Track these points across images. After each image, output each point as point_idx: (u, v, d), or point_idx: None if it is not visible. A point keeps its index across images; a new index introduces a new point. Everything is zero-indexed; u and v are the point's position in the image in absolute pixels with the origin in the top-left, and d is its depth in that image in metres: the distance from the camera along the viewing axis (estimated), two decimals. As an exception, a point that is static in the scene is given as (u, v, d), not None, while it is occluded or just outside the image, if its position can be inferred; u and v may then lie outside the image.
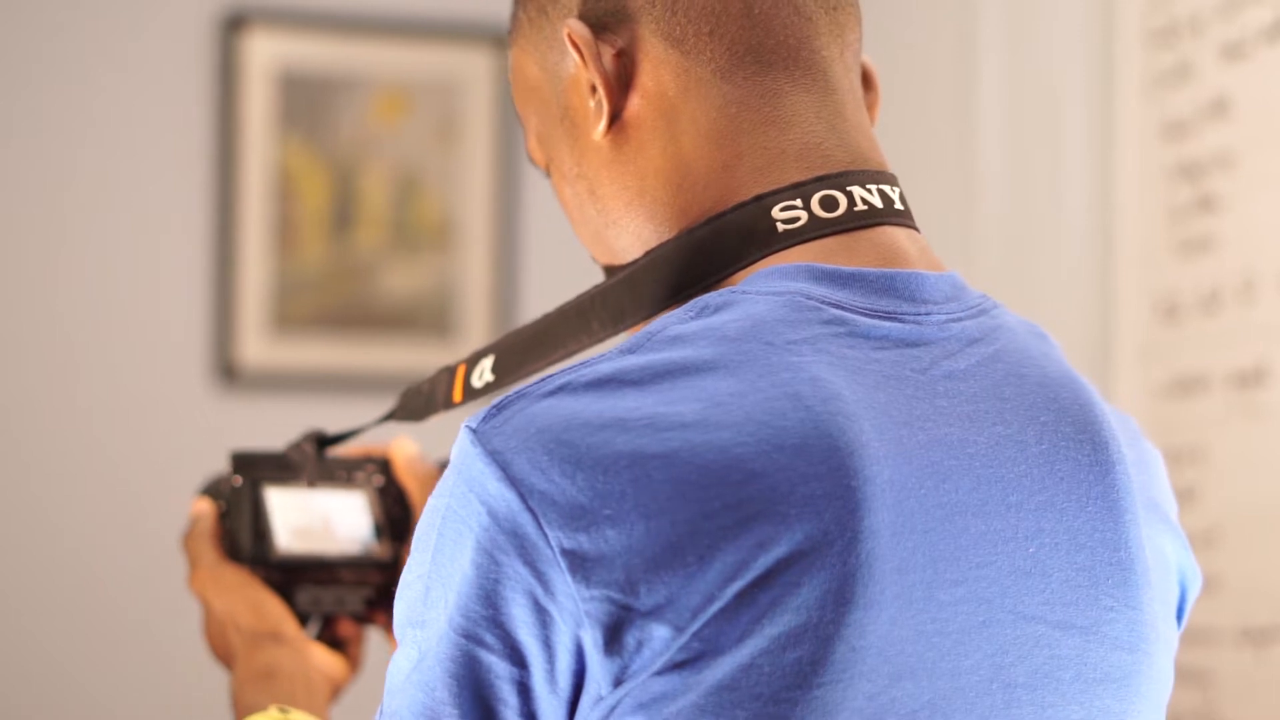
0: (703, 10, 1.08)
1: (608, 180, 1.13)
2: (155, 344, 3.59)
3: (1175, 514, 1.14)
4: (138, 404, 3.57)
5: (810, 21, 1.10)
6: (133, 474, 3.58)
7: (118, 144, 3.57)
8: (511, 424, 0.95)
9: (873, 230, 1.07)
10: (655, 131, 1.10)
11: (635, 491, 0.93)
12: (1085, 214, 2.58)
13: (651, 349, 0.98)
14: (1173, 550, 1.09)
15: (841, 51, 1.11)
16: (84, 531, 3.55)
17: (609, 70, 1.10)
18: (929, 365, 1.02)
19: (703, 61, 1.08)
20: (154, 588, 3.57)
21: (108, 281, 3.57)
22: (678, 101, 1.09)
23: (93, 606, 3.54)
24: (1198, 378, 2.34)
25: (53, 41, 3.54)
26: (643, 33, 1.09)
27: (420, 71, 3.71)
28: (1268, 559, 2.21)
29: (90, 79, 3.55)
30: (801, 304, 1.01)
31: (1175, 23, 2.39)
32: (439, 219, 3.74)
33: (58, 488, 3.54)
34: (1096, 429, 1.04)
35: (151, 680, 3.56)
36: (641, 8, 1.09)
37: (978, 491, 0.99)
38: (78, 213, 3.56)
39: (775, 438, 0.94)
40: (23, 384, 3.53)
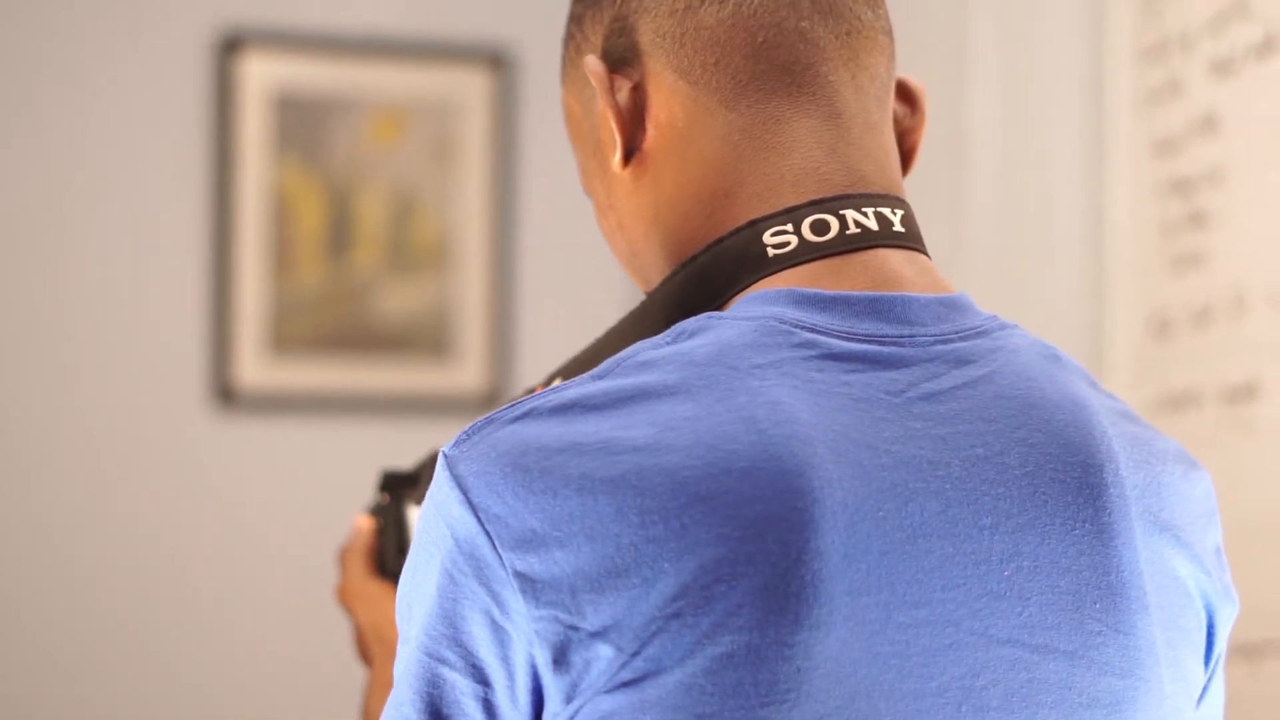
0: (709, 41, 1.10)
1: (630, 210, 1.15)
2: (153, 366, 3.59)
3: (1210, 539, 1.12)
4: (136, 426, 3.58)
5: (817, 47, 1.11)
6: (132, 495, 3.58)
7: (114, 166, 3.58)
8: (477, 449, 0.98)
9: (866, 253, 1.08)
10: (668, 162, 1.12)
11: (583, 514, 0.95)
12: (1078, 230, 2.58)
13: (620, 374, 1.00)
14: (1190, 574, 1.08)
15: (854, 75, 1.12)
16: (84, 552, 3.56)
17: (625, 104, 1.12)
18: (906, 387, 1.02)
19: (710, 91, 1.10)
20: (154, 608, 3.57)
21: (105, 303, 3.57)
22: (687, 131, 1.11)
23: (93, 627, 3.54)
24: (1190, 393, 2.34)
25: (48, 64, 3.55)
26: (655, 66, 1.11)
27: (416, 93, 3.72)
28: (1260, 575, 2.21)
29: (86, 101, 3.56)
30: (774, 328, 1.02)
31: (1165, 40, 2.39)
32: (435, 240, 3.74)
33: (57, 507, 3.54)
34: (1090, 451, 1.04)
35: (149, 700, 3.56)
36: (653, 42, 1.11)
37: (946, 513, 0.99)
38: (75, 234, 3.56)
39: (724, 461, 0.95)
40: (22, 404, 3.53)
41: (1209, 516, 1.13)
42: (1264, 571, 2.20)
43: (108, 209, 3.58)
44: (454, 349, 3.75)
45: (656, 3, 1.11)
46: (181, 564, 3.59)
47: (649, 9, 1.12)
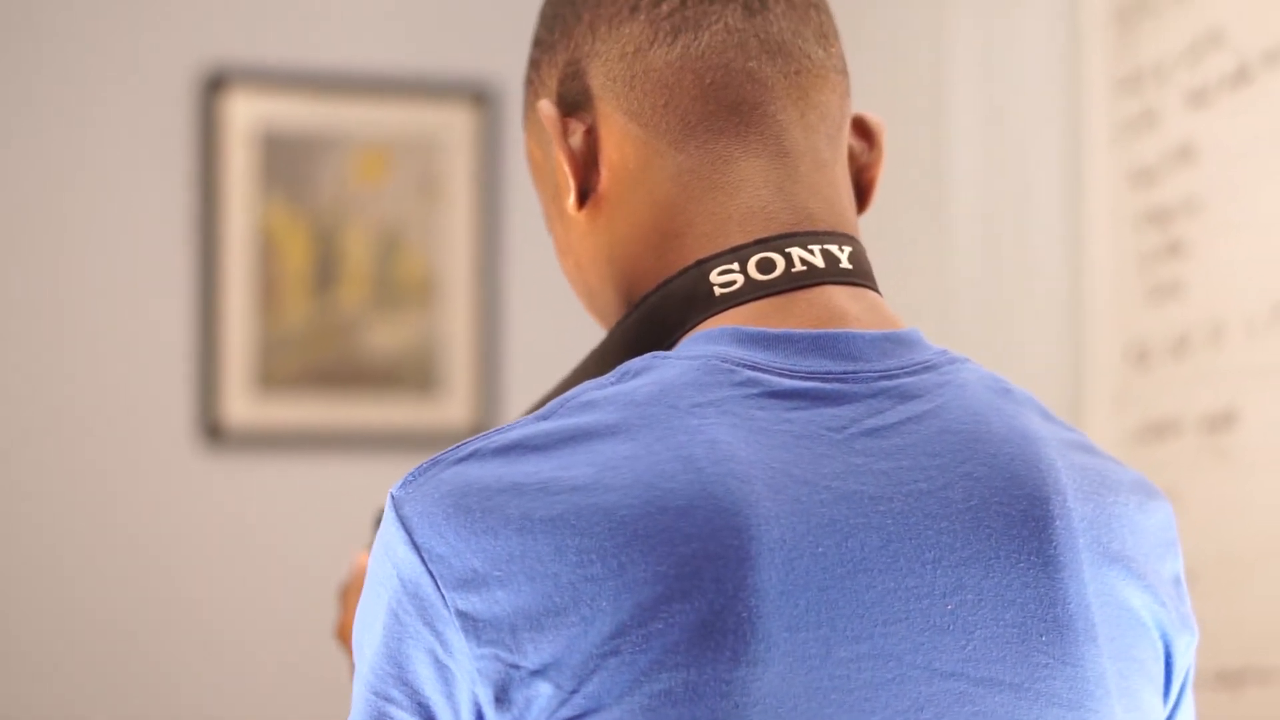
0: (657, 83, 1.11)
1: (586, 251, 1.16)
2: (141, 404, 3.60)
3: (1167, 569, 1.12)
4: (125, 464, 3.58)
5: (765, 86, 1.12)
6: (122, 533, 3.58)
7: (100, 205, 3.59)
8: (422, 490, 0.99)
9: (811, 290, 1.08)
10: (621, 203, 1.13)
11: (523, 554, 0.96)
12: (1057, 261, 2.60)
13: (563, 415, 1.02)
14: (1143, 604, 1.08)
15: (803, 114, 1.13)
16: (74, 590, 3.56)
17: (579, 147, 1.13)
18: (848, 423, 1.03)
19: (659, 133, 1.11)
20: (145, 646, 3.57)
21: (93, 342, 3.58)
22: (639, 173, 1.12)
23: (83, 664, 3.54)
24: (1169, 422, 2.35)
25: (33, 102, 3.56)
26: (606, 109, 1.13)
27: (400, 130, 3.73)
28: (1241, 601, 2.21)
29: (72, 140, 3.57)
30: (716, 367, 1.03)
31: (1141, 71, 2.41)
32: (421, 276, 3.75)
33: (47, 545, 3.54)
34: (1036, 484, 1.04)
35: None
36: (603, 85, 1.13)
37: (888, 548, 1.00)
38: (61, 273, 3.57)
39: (661, 499, 0.96)
40: (12, 443, 3.53)
41: (1166, 546, 1.12)
42: (1244, 598, 2.21)
43: (94, 248, 3.58)
44: (441, 384, 3.76)
45: (607, 47, 1.13)
46: (171, 601, 3.59)
47: (600, 53, 1.13)
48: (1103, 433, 2.47)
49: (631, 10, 1.12)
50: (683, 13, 1.12)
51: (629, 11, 1.12)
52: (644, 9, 1.12)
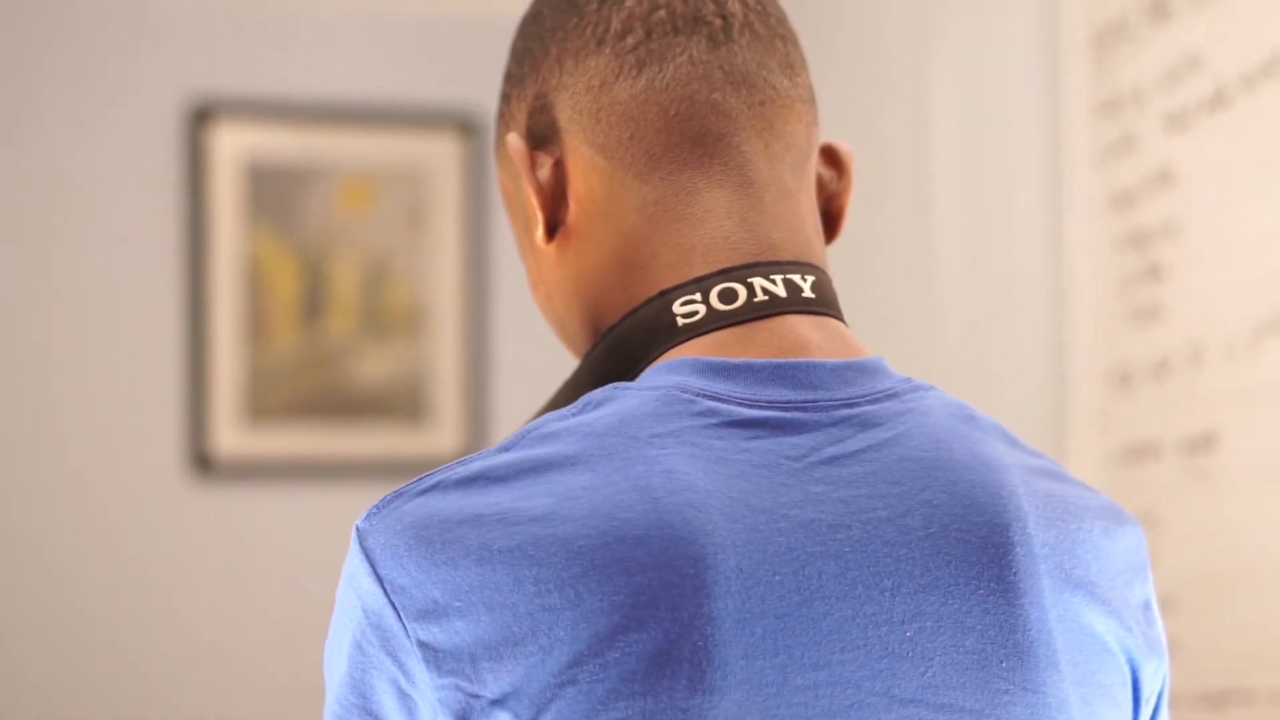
0: (623, 116, 1.12)
1: (556, 283, 1.17)
2: (131, 435, 3.60)
3: (1136, 594, 1.12)
4: (116, 496, 3.58)
5: (729, 118, 1.12)
6: (112, 564, 3.58)
7: (89, 238, 3.59)
8: (385, 522, 1.00)
9: (773, 320, 1.09)
10: (588, 235, 1.14)
11: (482, 585, 0.97)
12: (1039, 284, 2.61)
13: (524, 446, 1.02)
14: (1108, 629, 1.08)
15: (767, 144, 1.13)
16: (65, 619, 3.56)
17: (547, 180, 1.14)
18: (807, 452, 1.03)
19: (625, 165, 1.12)
20: (136, 675, 3.57)
21: (83, 374, 3.58)
22: (605, 205, 1.13)
23: (74, 694, 3.54)
24: (1150, 445, 2.36)
25: (20, 135, 3.57)
26: (573, 142, 1.13)
27: (387, 159, 3.74)
28: (1223, 623, 2.22)
29: (59, 173, 3.58)
30: (676, 397, 1.03)
31: (1119, 96, 2.42)
32: (409, 305, 3.76)
33: (38, 576, 3.54)
34: (997, 511, 1.04)
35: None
36: (570, 118, 1.13)
37: (845, 575, 1.00)
38: (51, 305, 3.58)
39: (618, 530, 0.97)
40: (3, 476, 3.54)
41: (1134, 571, 1.12)
42: (1226, 619, 2.21)
43: (83, 280, 3.59)
44: (429, 413, 3.77)
45: (573, 80, 1.14)
46: (164, 631, 3.59)
47: (567, 86, 1.14)
48: (1085, 455, 2.47)
49: (598, 44, 1.13)
50: (647, 45, 1.12)
51: (595, 45, 1.13)
52: (609, 42, 1.13)
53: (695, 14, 1.13)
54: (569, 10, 1.15)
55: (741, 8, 1.15)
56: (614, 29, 1.13)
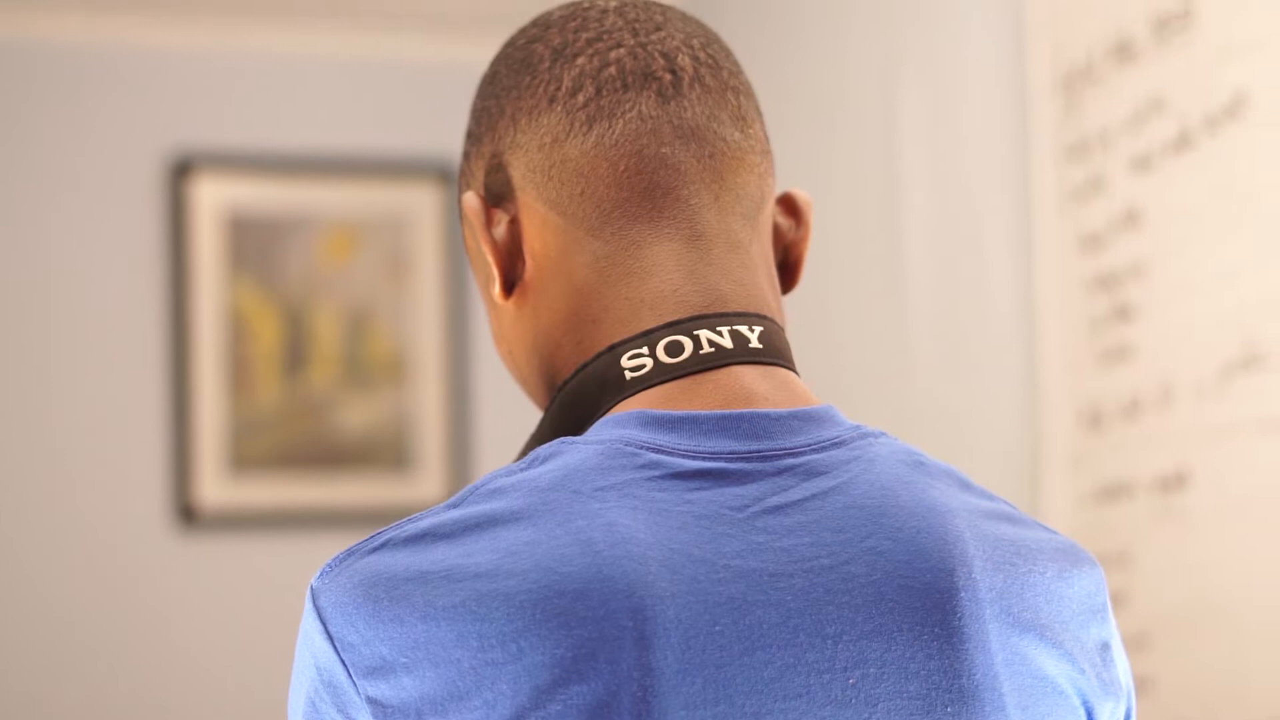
0: (574, 172, 1.14)
1: (515, 339, 1.19)
2: (115, 488, 3.61)
3: (1092, 635, 1.12)
4: (100, 547, 3.59)
5: (678, 172, 1.14)
6: (97, 615, 3.58)
7: (71, 292, 3.61)
8: (337, 581, 1.02)
9: (719, 371, 1.10)
10: (544, 291, 1.15)
11: (427, 641, 0.98)
12: (1010, 326, 2.62)
13: (472, 502, 1.04)
14: (1060, 672, 1.09)
15: (717, 197, 1.15)
16: (49, 671, 3.56)
17: (503, 238, 1.16)
18: (750, 502, 1.04)
19: (577, 221, 1.14)
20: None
21: (67, 427, 3.59)
22: (559, 261, 1.14)
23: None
24: (1123, 484, 2.37)
25: (2, 192, 3.58)
26: (527, 199, 1.15)
27: (367, 209, 3.76)
28: (1197, 660, 2.23)
29: (40, 228, 3.60)
30: (619, 450, 1.05)
31: (1086, 138, 2.44)
32: (391, 354, 3.77)
33: (23, 627, 3.54)
34: (942, 556, 1.05)
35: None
36: (524, 176, 1.15)
37: (787, 623, 1.01)
38: (34, 358, 3.59)
39: (558, 584, 0.98)
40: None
41: (1091, 614, 1.13)
42: (1200, 657, 2.22)
43: (66, 333, 3.60)
44: (414, 461, 3.78)
45: (527, 138, 1.15)
46: (150, 682, 3.59)
47: (521, 144, 1.15)
48: (1059, 496, 2.49)
49: (549, 102, 1.15)
50: (598, 102, 1.14)
51: (547, 103, 1.15)
52: (561, 100, 1.15)
53: (645, 70, 1.15)
54: (523, 69, 1.17)
55: (692, 62, 1.16)
56: (565, 87, 1.15)
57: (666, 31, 1.17)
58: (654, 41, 1.16)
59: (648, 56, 1.15)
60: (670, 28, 1.17)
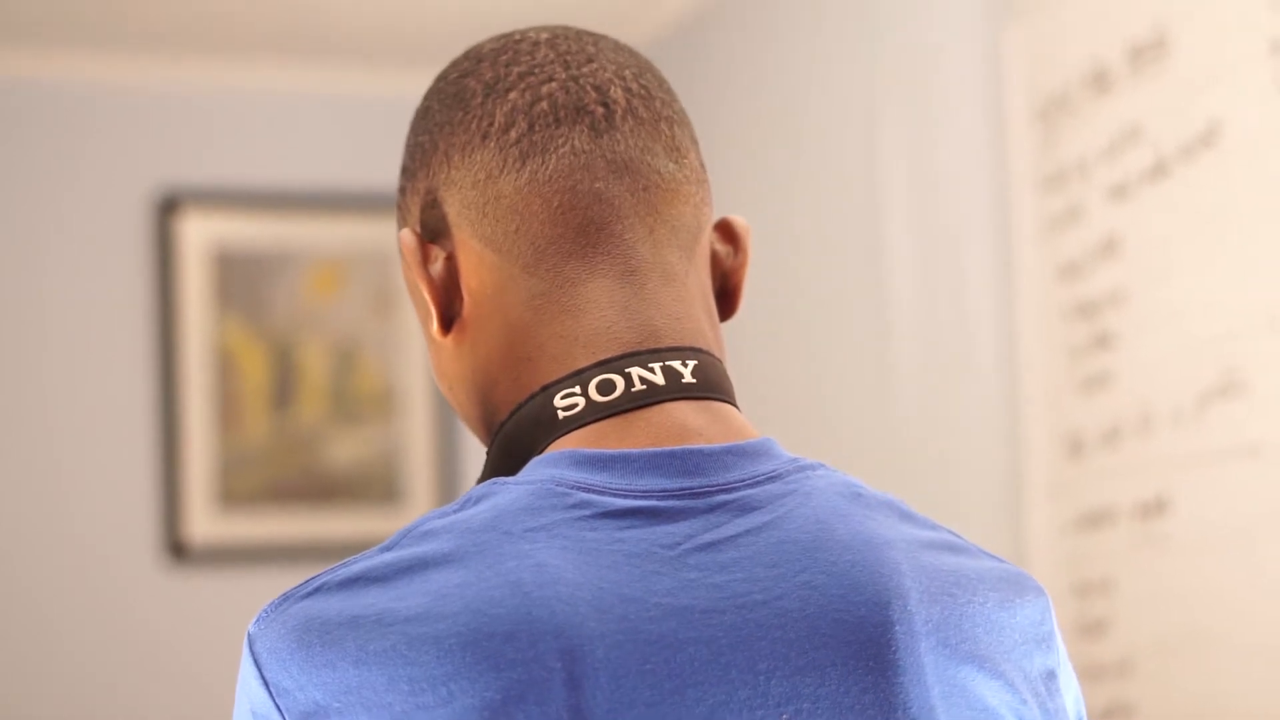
0: (508, 209, 1.13)
1: (454, 375, 1.18)
2: (105, 524, 3.62)
3: (1035, 664, 1.12)
4: (90, 583, 3.59)
5: (612, 206, 1.13)
6: (88, 652, 3.59)
7: (58, 330, 3.62)
8: (271, 627, 1.02)
9: (652, 409, 1.10)
10: (481, 328, 1.15)
11: (359, 686, 0.98)
12: (991, 356, 2.63)
13: (404, 545, 1.04)
14: (1002, 702, 1.07)
15: (651, 230, 1.14)
16: (40, 707, 3.56)
17: (439, 275, 1.15)
18: (682, 539, 1.04)
19: (512, 258, 1.13)
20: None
21: (56, 464, 3.60)
22: (495, 298, 1.14)
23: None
24: (1104, 511, 2.38)
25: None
26: (463, 236, 1.14)
27: (354, 244, 3.77)
28: (1178, 686, 2.24)
29: (27, 267, 3.61)
30: (550, 491, 1.04)
31: (1064, 168, 2.46)
32: (379, 388, 3.78)
33: (12, 664, 3.54)
34: (876, 589, 1.04)
35: None
36: (459, 213, 1.14)
37: (718, 660, 1.00)
38: (22, 396, 3.59)
39: (487, 626, 0.98)
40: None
41: (1036, 642, 1.12)
42: (1181, 682, 2.23)
43: (54, 371, 3.61)
44: (402, 494, 3.78)
45: (461, 175, 1.14)
46: (137, 716, 3.60)
47: (455, 181, 1.15)
48: (1041, 524, 2.50)
49: (483, 138, 1.14)
50: (530, 138, 1.13)
51: (480, 139, 1.14)
52: (494, 136, 1.14)
53: (578, 104, 1.14)
54: (455, 105, 1.16)
55: (624, 94, 1.15)
56: (498, 123, 1.14)
57: (599, 64, 1.16)
58: (586, 74, 1.15)
59: (580, 90, 1.14)
60: (602, 59, 1.17)
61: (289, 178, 3.74)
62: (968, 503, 2.66)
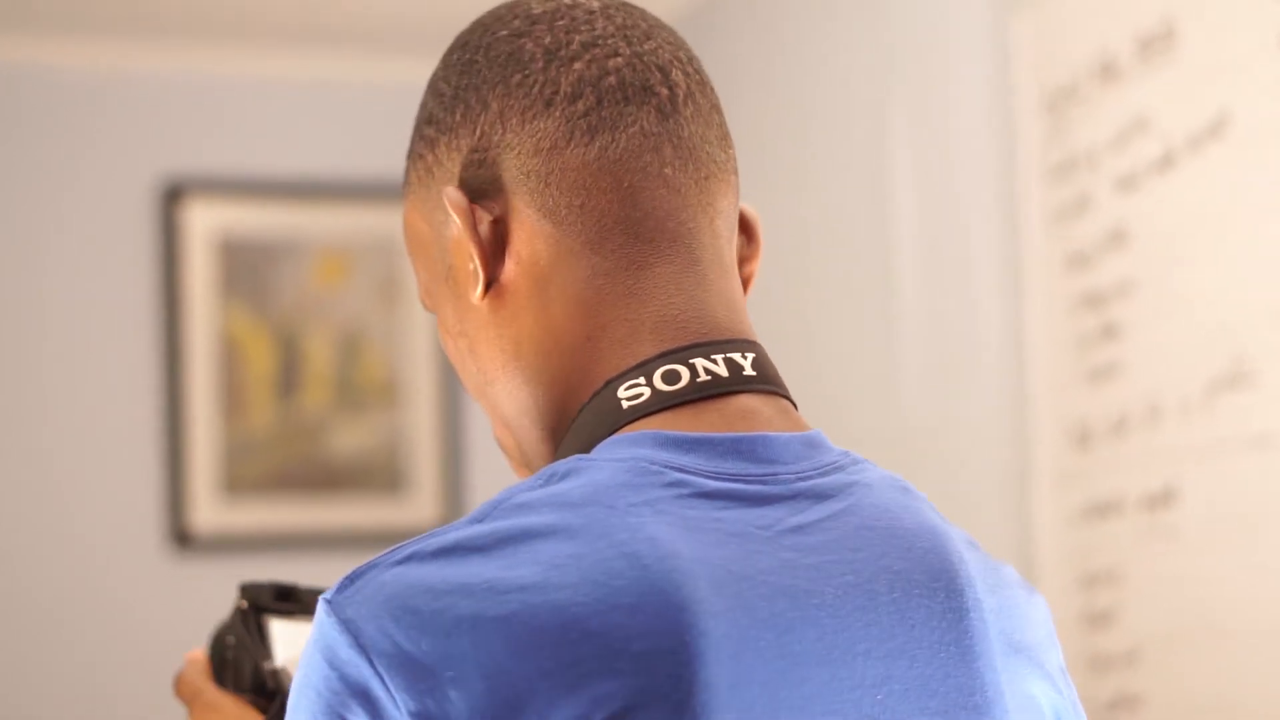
0: (574, 184, 1.11)
1: (485, 341, 1.16)
2: (109, 512, 3.62)
3: (1053, 659, 1.15)
4: (95, 572, 3.59)
5: (679, 194, 1.12)
6: (92, 640, 3.59)
7: (63, 318, 3.62)
8: (362, 593, 0.99)
9: (719, 399, 1.09)
10: (529, 298, 1.13)
11: (475, 653, 0.96)
12: (999, 346, 2.63)
13: (497, 517, 1.02)
14: (1042, 692, 1.11)
15: (711, 221, 1.14)
16: (44, 695, 3.56)
17: (485, 237, 1.12)
18: (774, 522, 1.04)
19: (574, 233, 1.11)
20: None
21: (60, 453, 3.60)
22: (550, 270, 1.12)
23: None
24: (1111, 502, 2.38)
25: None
26: (517, 203, 1.12)
27: (359, 233, 3.77)
28: (1186, 677, 2.24)
29: (32, 255, 3.61)
30: (644, 469, 1.04)
31: (1072, 158, 2.45)
32: (384, 377, 3.78)
33: (17, 652, 3.55)
34: (951, 576, 1.06)
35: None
36: (516, 179, 1.12)
37: (822, 641, 1.01)
38: (26, 385, 3.59)
39: (610, 597, 0.97)
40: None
41: (1051, 638, 1.15)
42: (1189, 673, 2.23)
43: (58, 359, 3.61)
44: (407, 484, 3.78)
45: (519, 140, 1.12)
46: (145, 707, 3.60)
47: (511, 145, 1.12)
48: (1048, 514, 2.50)
49: (546, 105, 1.11)
50: (599, 112, 1.11)
51: (543, 106, 1.11)
52: (559, 105, 1.11)
53: (644, 83, 1.12)
54: (511, 65, 1.13)
55: (684, 78, 1.15)
56: (564, 91, 1.11)
57: (656, 42, 1.15)
58: (647, 53, 1.14)
59: (645, 69, 1.13)
60: (658, 38, 1.15)
61: (294, 166, 3.74)
62: (975, 493, 2.66)
